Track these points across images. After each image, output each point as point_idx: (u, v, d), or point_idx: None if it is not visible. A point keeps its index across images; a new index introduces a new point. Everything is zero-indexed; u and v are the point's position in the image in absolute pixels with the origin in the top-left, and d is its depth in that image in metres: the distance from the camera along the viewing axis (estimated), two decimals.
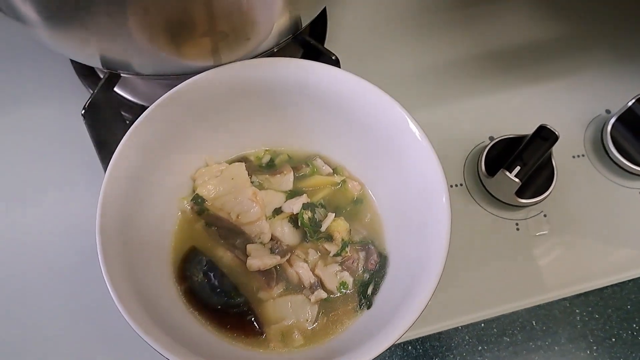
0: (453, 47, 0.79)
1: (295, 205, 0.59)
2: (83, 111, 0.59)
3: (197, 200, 0.59)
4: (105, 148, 0.60)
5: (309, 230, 0.57)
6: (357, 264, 0.57)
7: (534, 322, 0.65)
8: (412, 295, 0.48)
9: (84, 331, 0.62)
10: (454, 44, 0.79)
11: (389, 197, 0.60)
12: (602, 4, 0.83)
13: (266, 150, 0.63)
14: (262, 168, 0.62)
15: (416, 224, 0.54)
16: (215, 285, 0.56)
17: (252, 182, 0.60)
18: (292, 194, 0.60)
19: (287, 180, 0.61)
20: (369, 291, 0.56)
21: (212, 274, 0.56)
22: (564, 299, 0.66)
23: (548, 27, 0.81)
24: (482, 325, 0.65)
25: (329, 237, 0.58)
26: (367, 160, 0.61)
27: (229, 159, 0.63)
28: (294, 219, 0.58)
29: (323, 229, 0.58)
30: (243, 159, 0.62)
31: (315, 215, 0.59)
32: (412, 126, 0.53)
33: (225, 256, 0.57)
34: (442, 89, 0.76)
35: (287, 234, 0.58)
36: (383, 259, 0.58)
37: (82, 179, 0.68)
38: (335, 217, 0.59)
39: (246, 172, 0.60)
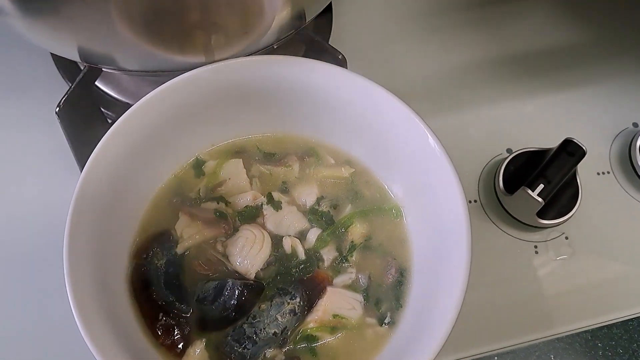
0: (469, 50, 0.73)
1: (308, 198, 0.54)
2: (57, 109, 0.53)
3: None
4: (81, 147, 0.55)
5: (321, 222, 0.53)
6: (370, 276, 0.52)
7: (552, 356, 0.60)
8: (430, 325, 0.44)
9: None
10: (470, 47, 0.73)
11: (411, 204, 0.54)
12: (631, 10, 0.78)
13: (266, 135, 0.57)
14: (263, 158, 0.56)
15: (435, 235, 0.49)
16: (171, 279, 0.50)
17: (252, 176, 0.55)
18: (314, 214, 0.54)
19: (292, 172, 0.55)
20: (383, 307, 0.50)
21: (174, 266, 0.51)
22: (586, 332, 0.61)
23: (573, 32, 0.75)
24: (495, 358, 0.59)
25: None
26: (380, 162, 0.55)
27: (222, 148, 0.57)
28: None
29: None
30: (240, 150, 0.56)
31: (329, 210, 0.54)
32: (432, 142, 0.48)
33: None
34: (455, 95, 0.70)
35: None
36: (402, 273, 0.52)
37: (57, 176, 0.63)
38: (354, 219, 0.54)
39: (244, 170, 0.55)
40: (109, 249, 0.48)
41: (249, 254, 0.51)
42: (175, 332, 0.48)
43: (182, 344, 0.48)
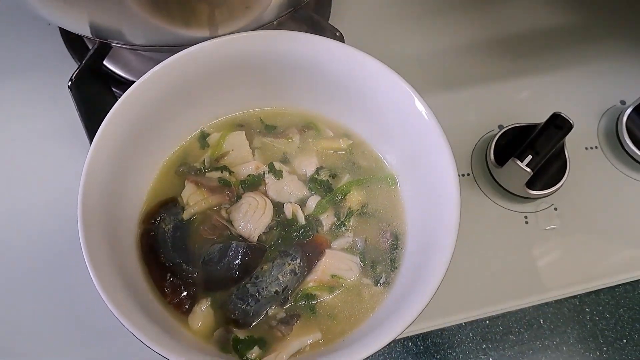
0: (463, 31, 0.75)
1: (308, 168, 0.56)
2: (70, 82, 0.56)
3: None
4: (91, 121, 0.57)
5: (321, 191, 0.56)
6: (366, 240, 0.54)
7: (541, 320, 0.62)
8: (421, 283, 0.45)
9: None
10: (464, 28, 0.76)
11: (405, 173, 0.56)
12: None
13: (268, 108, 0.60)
14: (265, 130, 0.59)
15: (427, 202, 0.51)
16: (178, 242, 0.53)
17: (254, 147, 0.58)
18: (313, 182, 0.57)
19: (293, 144, 0.58)
20: (379, 269, 0.53)
21: (181, 231, 0.53)
22: (574, 297, 0.63)
23: (563, 14, 0.78)
24: (487, 322, 0.62)
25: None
26: (376, 134, 0.58)
27: (225, 121, 0.59)
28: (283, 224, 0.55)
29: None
30: (242, 123, 0.59)
31: (328, 179, 0.57)
32: (420, 106, 0.51)
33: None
34: (449, 74, 0.73)
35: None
36: (397, 237, 0.54)
37: (67, 150, 0.65)
38: (351, 187, 0.56)
39: (247, 141, 0.58)
40: (119, 215, 0.51)
41: (251, 218, 0.53)
42: (182, 292, 0.51)
43: (188, 302, 0.51)
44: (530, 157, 0.60)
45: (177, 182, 0.56)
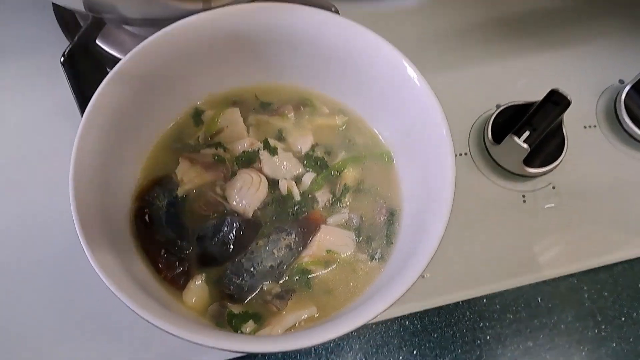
0: (459, 10, 0.75)
1: (303, 145, 0.56)
2: (62, 59, 0.55)
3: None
4: (84, 98, 0.56)
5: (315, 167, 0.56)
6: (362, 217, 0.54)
7: (539, 298, 0.62)
8: (414, 254, 0.45)
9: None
10: (462, 6, 0.75)
11: (401, 149, 0.56)
12: None
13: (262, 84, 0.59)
14: (259, 108, 0.58)
15: (423, 177, 0.51)
16: (173, 218, 0.52)
17: (249, 124, 0.57)
18: (309, 159, 0.56)
19: (288, 121, 0.58)
20: (374, 244, 0.52)
21: (175, 207, 0.53)
22: (572, 276, 0.63)
23: None
24: (484, 301, 0.61)
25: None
26: (372, 110, 0.57)
27: (221, 96, 0.59)
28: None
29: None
30: (237, 100, 0.58)
31: (323, 156, 0.56)
32: (411, 72, 0.51)
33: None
34: (446, 54, 0.72)
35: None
36: (392, 213, 0.54)
37: (62, 129, 0.64)
38: (347, 164, 0.56)
39: (241, 118, 0.57)
40: (112, 192, 0.50)
41: (246, 194, 0.53)
42: (177, 267, 0.50)
43: (183, 278, 0.50)
44: (527, 133, 0.59)
45: (172, 159, 0.55)
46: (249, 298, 0.50)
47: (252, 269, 0.50)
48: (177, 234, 0.52)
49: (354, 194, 0.55)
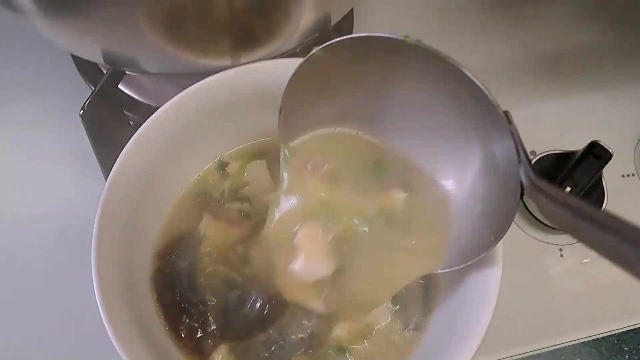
0: (491, 51, 0.72)
1: None
2: (82, 111, 0.53)
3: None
4: (104, 149, 0.54)
5: None
6: None
7: None
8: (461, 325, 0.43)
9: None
10: (492, 48, 0.72)
11: None
12: None
13: None
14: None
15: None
16: (195, 281, 0.50)
17: (276, 176, 0.53)
18: None
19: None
20: (410, 312, 0.49)
21: (198, 268, 0.50)
22: (612, 335, 0.60)
23: (598, 32, 0.74)
24: None
25: None
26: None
27: (245, 150, 0.56)
28: None
29: None
30: (263, 152, 0.55)
31: None
32: None
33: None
34: None
35: None
36: (428, 278, 0.51)
37: (80, 179, 0.63)
38: None
39: (268, 171, 0.54)
40: (134, 251, 0.48)
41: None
42: (199, 334, 0.48)
43: (207, 347, 0.48)
44: (569, 189, 0.56)
45: (195, 215, 0.53)
46: None
47: (280, 341, 0.47)
48: (199, 298, 0.49)
49: None
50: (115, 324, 0.41)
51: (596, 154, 0.58)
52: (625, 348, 0.59)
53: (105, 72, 0.57)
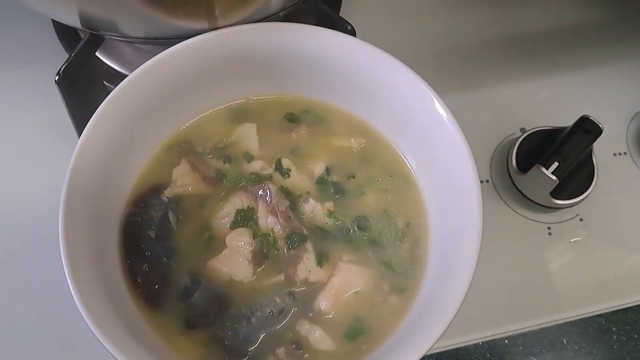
0: (483, 25, 0.71)
1: (317, 166, 0.52)
2: (57, 77, 0.51)
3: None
4: (81, 116, 0.53)
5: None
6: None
7: (564, 340, 0.58)
8: (445, 289, 0.43)
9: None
10: (485, 22, 0.71)
11: (424, 179, 0.51)
12: None
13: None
14: (275, 124, 0.54)
15: (449, 214, 0.47)
16: (165, 235, 0.48)
17: (263, 141, 0.53)
18: (321, 182, 0.52)
19: (303, 139, 0.53)
20: (399, 280, 0.48)
21: (169, 222, 0.49)
22: (600, 315, 0.59)
23: (591, 9, 0.73)
24: (506, 342, 0.58)
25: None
26: (395, 134, 0.53)
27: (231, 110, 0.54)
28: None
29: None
30: (250, 114, 0.54)
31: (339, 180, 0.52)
32: (440, 108, 0.46)
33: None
34: (467, 72, 0.68)
35: None
36: (417, 244, 0.49)
37: (56, 144, 0.62)
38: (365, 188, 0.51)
39: (256, 136, 0.53)
40: (107, 199, 0.47)
41: None
42: (155, 286, 0.47)
43: (160, 299, 0.46)
44: (556, 164, 0.55)
45: (176, 162, 0.51)
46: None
47: (251, 318, 0.46)
48: (164, 251, 0.48)
49: (374, 222, 0.50)
50: (72, 259, 0.41)
51: (586, 129, 0.57)
52: (613, 328, 0.58)
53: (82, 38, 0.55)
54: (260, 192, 0.49)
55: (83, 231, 0.44)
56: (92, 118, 0.45)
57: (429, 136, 0.48)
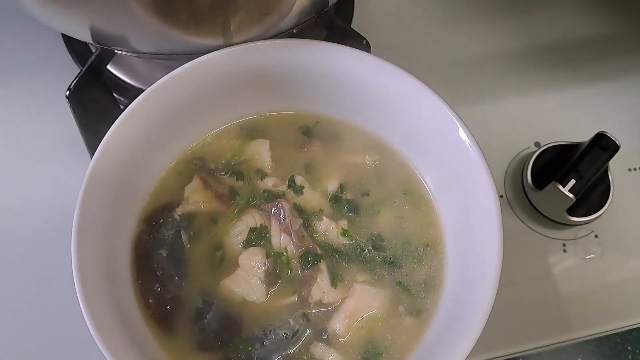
0: (496, 39, 0.70)
1: (330, 184, 0.51)
2: (68, 92, 0.51)
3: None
4: (92, 131, 0.52)
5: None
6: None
7: (580, 359, 0.57)
8: (466, 310, 0.43)
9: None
10: (497, 35, 0.70)
11: (442, 198, 0.51)
12: None
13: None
14: (288, 141, 0.53)
15: (466, 237, 0.47)
16: (177, 253, 0.48)
17: (274, 158, 0.52)
18: (335, 200, 0.51)
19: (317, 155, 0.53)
20: (415, 298, 0.47)
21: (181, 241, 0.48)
22: (615, 334, 0.58)
23: (605, 22, 0.72)
24: None
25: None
26: (411, 153, 0.52)
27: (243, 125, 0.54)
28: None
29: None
30: (264, 131, 0.53)
31: (352, 198, 0.51)
32: (463, 135, 0.46)
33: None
34: (482, 84, 0.67)
35: None
36: (434, 264, 0.48)
37: (65, 160, 0.61)
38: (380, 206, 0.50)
39: (269, 152, 0.52)
40: (119, 218, 0.47)
41: None
42: (167, 308, 0.46)
43: (172, 320, 0.46)
44: (573, 181, 0.54)
45: (187, 180, 0.51)
46: None
47: (264, 341, 0.45)
48: (176, 270, 0.47)
49: (389, 241, 0.49)
50: (84, 280, 0.40)
51: (603, 146, 0.56)
52: (629, 347, 0.58)
53: (94, 52, 0.54)
54: (273, 210, 0.49)
55: (95, 251, 0.43)
56: (105, 136, 0.45)
57: (448, 157, 0.48)
